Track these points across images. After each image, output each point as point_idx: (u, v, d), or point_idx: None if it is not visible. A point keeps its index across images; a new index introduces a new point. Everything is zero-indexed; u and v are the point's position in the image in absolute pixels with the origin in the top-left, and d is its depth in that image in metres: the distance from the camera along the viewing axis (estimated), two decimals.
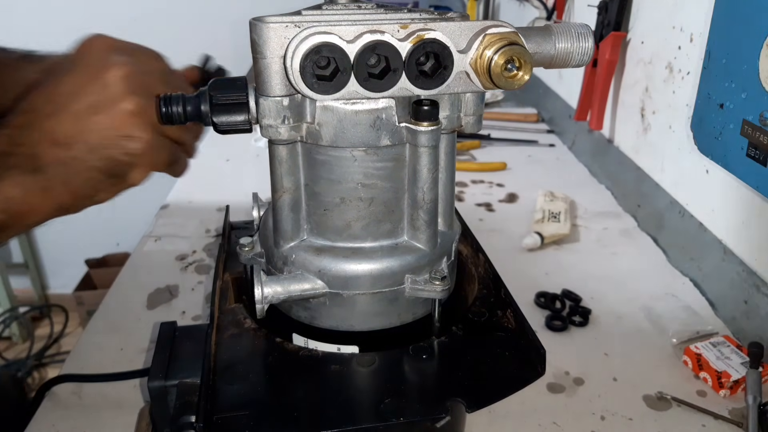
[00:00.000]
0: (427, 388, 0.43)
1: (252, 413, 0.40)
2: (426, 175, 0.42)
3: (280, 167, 0.43)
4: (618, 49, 1.11)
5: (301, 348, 0.46)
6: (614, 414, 0.65)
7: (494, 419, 0.64)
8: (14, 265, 2.67)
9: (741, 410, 0.65)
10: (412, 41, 0.38)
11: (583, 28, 0.41)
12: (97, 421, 0.65)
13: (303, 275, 0.44)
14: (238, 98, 0.41)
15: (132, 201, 2.34)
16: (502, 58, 0.38)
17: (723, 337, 0.74)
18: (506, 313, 0.49)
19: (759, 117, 0.68)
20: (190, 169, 0.54)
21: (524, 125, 1.56)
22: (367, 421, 0.39)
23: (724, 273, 0.81)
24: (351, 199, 0.43)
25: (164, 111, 0.42)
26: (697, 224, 0.88)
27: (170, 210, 1.14)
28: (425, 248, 0.45)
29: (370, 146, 0.41)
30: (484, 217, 1.11)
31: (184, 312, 0.83)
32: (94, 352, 0.75)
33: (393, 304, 0.45)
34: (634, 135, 1.10)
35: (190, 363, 0.47)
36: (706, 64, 0.79)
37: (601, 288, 0.87)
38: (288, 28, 0.37)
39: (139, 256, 0.99)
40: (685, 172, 0.92)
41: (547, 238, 0.99)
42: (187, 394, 0.46)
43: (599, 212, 1.11)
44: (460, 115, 0.43)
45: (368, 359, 0.44)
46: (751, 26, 0.70)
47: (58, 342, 2.45)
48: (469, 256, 0.57)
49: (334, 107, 0.40)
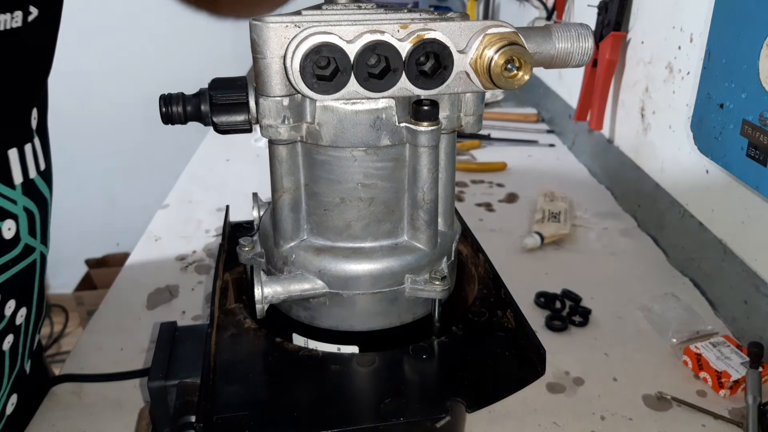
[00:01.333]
0: (427, 388, 0.43)
1: (252, 413, 0.40)
2: (426, 175, 0.42)
3: (280, 167, 0.43)
4: (618, 49, 1.11)
5: (301, 348, 0.46)
6: (614, 414, 0.65)
7: (494, 419, 0.64)
8: None
9: (741, 410, 0.65)
10: (412, 41, 0.38)
11: (584, 29, 0.41)
12: (97, 421, 0.65)
13: (303, 275, 0.44)
14: (238, 98, 0.41)
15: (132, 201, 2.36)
16: (502, 58, 0.38)
17: (723, 337, 0.74)
18: (506, 313, 0.49)
19: (759, 117, 0.68)
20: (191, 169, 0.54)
21: (524, 125, 1.56)
22: (367, 421, 0.39)
23: (724, 273, 0.81)
24: (351, 199, 0.43)
25: (164, 111, 0.42)
26: (697, 224, 0.88)
27: (170, 210, 1.14)
28: (425, 248, 0.45)
29: (370, 146, 0.41)
30: (484, 217, 1.11)
31: (184, 312, 0.83)
32: (94, 352, 0.76)
33: (393, 304, 0.45)
34: (634, 135, 1.10)
35: (190, 363, 0.47)
36: (706, 64, 0.79)
37: (601, 288, 0.87)
38: (288, 28, 0.37)
39: (139, 256, 0.99)
40: (685, 172, 0.92)
41: (547, 238, 0.99)
42: (187, 394, 0.46)
43: (599, 212, 1.11)
44: (460, 115, 0.43)
45: (368, 359, 0.44)
46: (751, 26, 0.70)
47: (58, 342, 2.45)
48: (469, 256, 0.57)
49: (334, 107, 0.40)
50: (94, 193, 2.58)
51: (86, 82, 2.40)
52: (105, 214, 2.61)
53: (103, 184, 2.57)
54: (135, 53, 2.39)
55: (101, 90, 2.43)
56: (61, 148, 2.78)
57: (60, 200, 2.85)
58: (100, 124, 2.47)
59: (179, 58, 2.37)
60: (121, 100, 2.43)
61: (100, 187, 2.57)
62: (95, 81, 2.41)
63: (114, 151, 2.52)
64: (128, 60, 2.39)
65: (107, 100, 2.44)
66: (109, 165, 2.54)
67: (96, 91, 2.42)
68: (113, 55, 2.38)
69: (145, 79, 2.36)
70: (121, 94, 2.42)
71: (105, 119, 2.47)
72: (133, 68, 2.40)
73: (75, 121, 2.46)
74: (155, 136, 2.39)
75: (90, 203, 2.59)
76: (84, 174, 2.54)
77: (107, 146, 2.51)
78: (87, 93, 2.42)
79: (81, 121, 2.46)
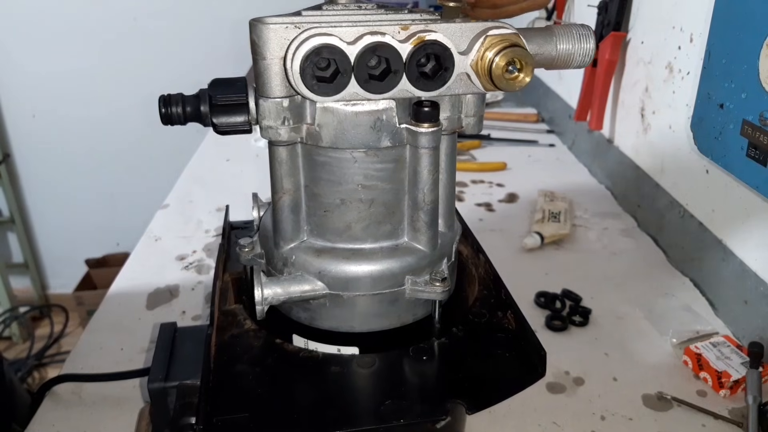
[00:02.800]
0: (427, 389, 0.43)
1: (252, 415, 0.40)
2: (426, 176, 0.42)
3: (280, 168, 0.43)
4: (618, 49, 1.11)
5: (301, 349, 0.46)
6: (614, 414, 0.65)
7: (494, 419, 0.64)
8: (14, 265, 2.67)
9: (741, 410, 0.65)
10: (412, 43, 0.38)
11: (585, 30, 0.41)
12: (97, 421, 0.65)
13: (303, 276, 0.44)
14: (237, 99, 0.41)
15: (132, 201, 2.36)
16: (503, 59, 0.38)
17: (723, 337, 0.74)
18: (507, 314, 0.49)
19: (759, 117, 0.68)
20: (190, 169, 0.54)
21: (524, 125, 1.56)
22: (368, 422, 0.39)
23: (724, 273, 0.81)
24: (351, 201, 0.43)
25: (163, 112, 0.42)
26: (697, 224, 0.88)
27: (170, 210, 1.14)
28: (425, 249, 0.45)
29: (371, 147, 0.41)
30: (484, 217, 1.11)
31: (184, 312, 0.83)
32: (94, 352, 0.75)
33: (393, 306, 0.45)
34: (634, 135, 1.10)
35: (189, 364, 0.47)
36: (706, 64, 0.79)
37: (601, 288, 0.87)
38: (288, 29, 0.37)
39: (139, 256, 0.99)
40: (685, 172, 0.92)
41: (547, 238, 0.99)
42: (187, 396, 0.46)
43: (599, 212, 1.11)
44: (460, 116, 0.43)
45: (368, 360, 0.44)
46: (751, 26, 0.70)
47: (58, 342, 2.45)
48: (469, 256, 0.57)
49: (335, 108, 0.40)
50: (94, 193, 2.58)
51: (86, 82, 2.40)
52: (105, 214, 2.61)
53: (103, 184, 2.57)
54: (135, 53, 2.39)
55: (101, 90, 2.42)
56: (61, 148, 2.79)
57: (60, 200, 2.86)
58: (100, 124, 2.47)
59: (179, 58, 2.36)
60: (121, 100, 2.42)
61: (100, 187, 2.57)
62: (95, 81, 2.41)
63: (114, 151, 2.52)
64: (128, 60, 2.39)
65: (107, 100, 2.44)
66: (109, 165, 2.54)
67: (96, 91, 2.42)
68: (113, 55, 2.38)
69: (145, 79, 2.36)
70: (121, 94, 2.42)
71: (105, 119, 2.46)
72: (133, 68, 2.40)
73: (75, 121, 2.46)
74: (155, 136, 2.39)
75: (90, 203, 2.59)
76: (84, 174, 2.54)
77: (107, 146, 2.51)
78: (87, 93, 2.42)
79: (81, 121, 2.46)
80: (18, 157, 2.54)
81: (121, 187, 2.57)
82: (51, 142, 2.48)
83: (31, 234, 2.69)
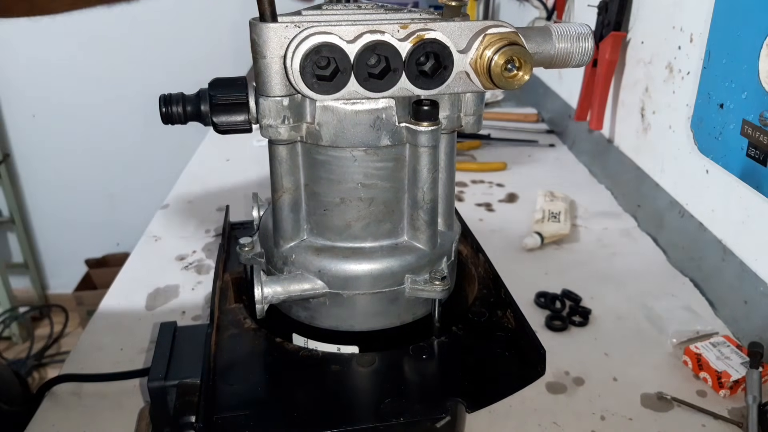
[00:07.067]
0: (427, 388, 0.43)
1: (252, 413, 0.40)
2: (426, 175, 0.42)
3: (280, 167, 0.43)
4: (618, 49, 1.11)
5: (301, 348, 0.46)
6: (614, 414, 0.65)
7: (494, 419, 0.64)
8: (14, 265, 2.67)
9: (741, 410, 0.65)
10: (412, 41, 0.38)
11: (584, 29, 0.41)
12: (97, 421, 0.65)
13: (303, 275, 0.44)
14: (237, 98, 0.41)
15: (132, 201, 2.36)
16: (502, 58, 0.38)
17: (723, 337, 0.74)
18: (506, 313, 0.49)
19: (759, 117, 0.68)
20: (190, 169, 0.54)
21: (524, 125, 1.56)
22: (367, 421, 0.39)
23: (724, 273, 0.81)
24: (351, 199, 0.43)
25: (164, 111, 0.42)
26: (697, 224, 0.88)
27: (170, 210, 1.14)
28: (425, 248, 0.45)
29: (370, 146, 0.41)
30: (484, 217, 1.11)
31: (184, 312, 0.83)
32: (94, 352, 0.75)
33: (393, 304, 0.45)
34: (634, 135, 1.10)
35: (190, 363, 0.47)
36: (706, 64, 0.79)
37: (601, 288, 0.87)
38: (288, 28, 0.37)
39: (139, 256, 0.99)
40: (685, 172, 0.92)
41: (547, 238, 0.99)
42: (187, 395, 0.46)
43: (599, 212, 1.11)
44: (460, 115, 0.43)
45: (368, 359, 0.44)
46: (751, 26, 0.70)
47: (58, 342, 2.45)
48: (469, 256, 0.57)
49: (334, 107, 0.40)
50: (94, 193, 2.58)
51: (87, 82, 2.40)
52: (105, 214, 2.61)
53: (103, 184, 2.57)
54: (135, 53, 2.39)
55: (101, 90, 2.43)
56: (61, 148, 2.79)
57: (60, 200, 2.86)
58: (100, 124, 2.47)
59: (179, 58, 2.37)
60: (121, 100, 2.43)
61: (100, 187, 2.58)
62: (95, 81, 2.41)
63: (114, 151, 2.52)
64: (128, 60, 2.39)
65: (107, 100, 2.44)
66: (109, 165, 2.54)
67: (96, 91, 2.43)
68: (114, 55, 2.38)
69: (145, 79, 2.36)
70: (121, 94, 2.42)
71: (105, 119, 2.47)
72: (133, 68, 2.40)
73: (75, 121, 2.46)
74: (155, 136, 2.40)
75: (90, 203, 2.60)
76: (84, 174, 2.55)
77: (107, 146, 2.51)
78: (87, 93, 2.42)
79: (81, 121, 2.46)
80: (18, 156, 2.54)
81: (121, 187, 2.58)
82: (51, 142, 2.49)
83: (31, 234, 2.69)
